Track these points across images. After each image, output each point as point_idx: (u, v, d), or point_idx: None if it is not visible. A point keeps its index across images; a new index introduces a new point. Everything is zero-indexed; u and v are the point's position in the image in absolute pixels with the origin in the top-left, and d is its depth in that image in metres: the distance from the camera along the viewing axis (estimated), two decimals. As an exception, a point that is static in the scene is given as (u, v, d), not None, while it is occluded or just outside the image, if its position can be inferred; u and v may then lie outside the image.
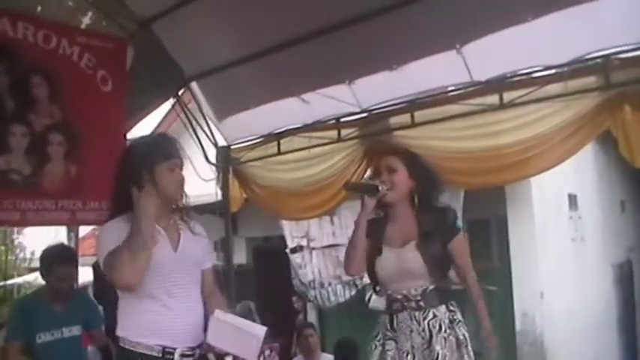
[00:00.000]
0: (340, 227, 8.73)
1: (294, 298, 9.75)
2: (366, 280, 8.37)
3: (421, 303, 3.59)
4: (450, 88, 5.09)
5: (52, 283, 4.81)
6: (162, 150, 3.22)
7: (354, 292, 8.70)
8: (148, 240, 2.98)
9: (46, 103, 5.31)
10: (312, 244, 9.02)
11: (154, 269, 3.08)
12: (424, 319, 3.57)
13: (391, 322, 3.65)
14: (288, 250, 9.23)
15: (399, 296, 3.63)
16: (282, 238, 9.32)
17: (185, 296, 3.18)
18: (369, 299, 8.27)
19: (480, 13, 4.44)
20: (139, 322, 3.09)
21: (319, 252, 8.97)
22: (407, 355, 3.55)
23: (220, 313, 3.16)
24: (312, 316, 9.68)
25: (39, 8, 5.52)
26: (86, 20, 5.86)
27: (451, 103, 5.07)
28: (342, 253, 8.51)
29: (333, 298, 8.87)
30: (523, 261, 7.64)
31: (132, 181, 3.12)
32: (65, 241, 7.55)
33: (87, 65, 5.54)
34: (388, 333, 3.64)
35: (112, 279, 3.04)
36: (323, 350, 7.21)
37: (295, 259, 9.18)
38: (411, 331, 3.57)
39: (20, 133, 5.15)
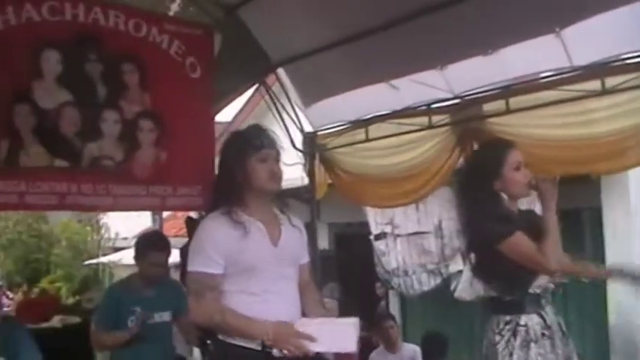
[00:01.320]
0: (425, 215, 8.60)
1: (377, 285, 9.69)
2: (452, 269, 8.36)
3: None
4: (547, 74, 4.90)
5: (146, 268, 4.91)
6: (253, 142, 3.21)
7: (439, 280, 8.58)
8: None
9: (136, 90, 5.35)
10: (396, 231, 8.92)
11: (253, 265, 3.08)
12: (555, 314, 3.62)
13: (544, 319, 3.54)
14: (372, 237, 9.16)
15: (540, 290, 3.62)
16: (365, 224, 9.26)
17: (284, 291, 3.15)
18: (455, 289, 8.17)
19: (582, -5, 4.26)
20: None
21: (404, 239, 8.87)
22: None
23: (305, 320, 3.12)
24: (394, 304, 9.61)
25: (128, -4, 5.57)
26: (174, 7, 5.89)
27: (548, 89, 4.88)
28: (426, 241, 8.55)
29: (417, 287, 8.77)
30: (618, 253, 7.36)
31: (228, 174, 3.17)
32: (150, 223, 7.72)
33: (176, 52, 5.56)
34: (545, 332, 3.51)
35: (192, 304, 3.14)
36: (404, 339, 7.10)
37: (379, 245, 9.11)
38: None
39: (112, 119, 5.22)
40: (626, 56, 4.48)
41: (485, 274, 3.72)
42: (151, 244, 5.02)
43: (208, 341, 3.43)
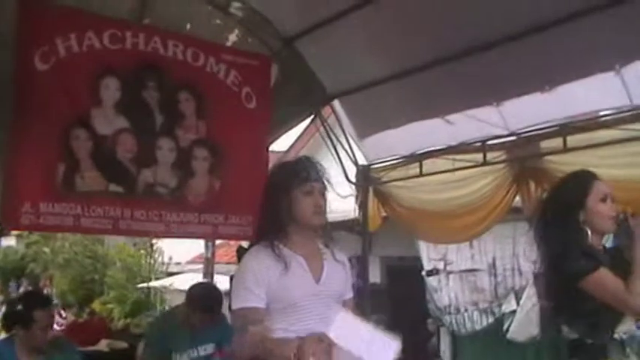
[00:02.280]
0: (479, 252, 8.48)
1: (428, 321, 9.57)
2: (505, 308, 8.20)
3: None
4: (606, 112, 4.80)
5: (195, 321, 4.90)
6: (299, 174, 3.16)
7: (491, 320, 8.43)
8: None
9: (192, 119, 5.42)
10: (449, 268, 8.83)
11: (293, 303, 3.03)
12: None
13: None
14: (424, 273, 9.07)
15: (626, 336, 3.33)
16: (418, 259, 9.18)
17: (325, 327, 3.07)
18: (508, 329, 8.01)
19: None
20: None
21: (456, 276, 8.76)
22: None
23: (348, 313, 2.93)
24: (445, 341, 9.45)
25: (188, 26, 5.65)
26: (232, 37, 5.95)
27: (607, 128, 4.77)
28: (480, 279, 8.43)
29: (468, 325, 8.64)
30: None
31: (272, 206, 3.13)
32: (202, 249, 7.73)
33: (233, 82, 5.62)
34: None
35: (237, 341, 3.06)
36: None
37: (431, 282, 9.01)
38: None
39: (167, 147, 5.29)
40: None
41: (567, 314, 3.43)
42: (203, 303, 4.93)
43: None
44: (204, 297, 5.03)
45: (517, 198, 5.43)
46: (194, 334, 4.92)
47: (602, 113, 4.85)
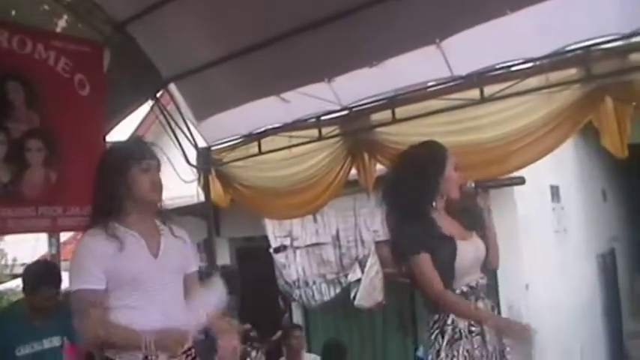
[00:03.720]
0: (323, 226, 8.69)
1: (279, 298, 9.73)
2: (351, 277, 8.47)
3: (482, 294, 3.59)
4: (430, 84, 5.07)
5: (37, 302, 4.75)
6: (135, 152, 3.19)
7: (338, 290, 8.66)
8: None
9: (23, 109, 5.21)
10: (295, 244, 8.97)
11: (132, 278, 3.05)
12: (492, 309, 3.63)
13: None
14: (271, 250, 9.19)
15: (468, 288, 3.54)
16: (266, 238, 9.28)
17: (167, 303, 3.12)
18: (354, 297, 8.28)
19: (459, 8, 4.43)
20: None
21: (303, 251, 8.92)
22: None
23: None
24: (297, 316, 9.63)
25: (13, 12, 5.44)
26: (61, 24, 5.79)
27: (432, 99, 5.06)
28: (325, 252, 8.65)
29: (317, 297, 8.83)
30: (507, 254, 7.47)
31: (107, 186, 3.12)
32: (47, 247, 7.51)
33: (63, 69, 5.46)
34: (473, 328, 3.45)
35: (78, 324, 3.09)
36: (309, 350, 7.17)
37: (279, 258, 9.14)
38: None
39: (-3, 140, 5.06)
40: (502, 65, 4.68)
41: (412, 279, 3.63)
42: (40, 277, 4.80)
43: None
44: (42, 272, 4.93)
45: (354, 171, 5.64)
46: (38, 327, 4.76)
47: (428, 85, 5.12)
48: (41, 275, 4.85)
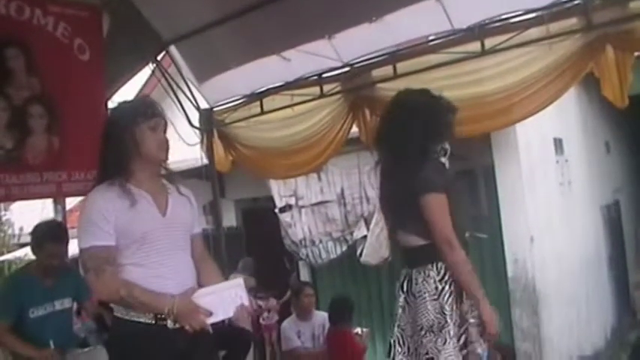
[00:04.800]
0: (328, 184, 8.73)
1: (285, 258, 9.81)
2: (357, 235, 8.52)
3: None
4: (430, 38, 5.05)
5: (43, 260, 4.82)
6: (142, 111, 3.19)
7: (345, 248, 8.72)
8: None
9: (23, 75, 5.19)
10: (300, 203, 9.01)
11: (142, 236, 3.07)
12: None
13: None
14: (277, 210, 9.23)
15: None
16: (271, 199, 9.32)
17: (176, 261, 3.16)
18: (361, 254, 8.34)
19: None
20: None
21: (308, 210, 8.96)
22: None
23: (200, 291, 3.15)
24: (304, 274, 9.71)
25: (10, -22, 5.40)
26: (59, -12, 5.74)
27: (433, 53, 5.05)
28: (330, 210, 8.68)
29: (324, 255, 8.89)
30: (512, 208, 7.65)
31: (115, 144, 3.12)
32: (53, 214, 7.53)
33: (63, 35, 5.43)
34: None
35: (92, 282, 3.10)
36: (316, 307, 7.23)
37: (284, 218, 9.18)
38: None
39: (-1, 107, 5.07)
40: (502, 17, 4.65)
41: (410, 222, 3.60)
42: (47, 234, 4.87)
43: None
44: (50, 229, 4.98)
45: (357, 128, 5.65)
46: (49, 287, 4.87)
47: (428, 39, 5.11)
48: (48, 232, 4.91)
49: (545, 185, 8.38)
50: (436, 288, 3.48)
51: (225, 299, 3.13)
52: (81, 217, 3.20)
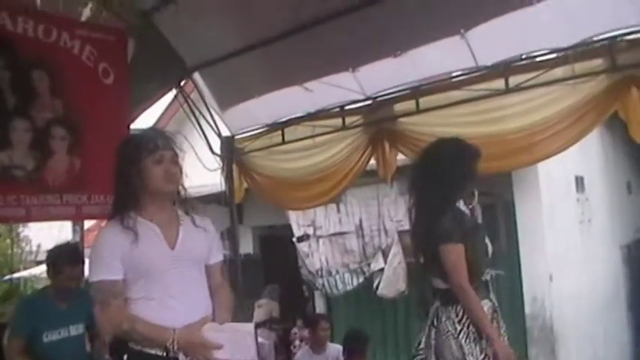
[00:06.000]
0: (347, 215, 8.71)
1: (304, 287, 9.79)
2: (374, 267, 8.47)
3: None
4: (454, 74, 5.04)
5: (60, 283, 4.81)
6: (147, 144, 3.15)
7: (361, 279, 8.68)
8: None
9: (47, 97, 5.23)
10: (318, 233, 8.99)
11: (149, 270, 3.05)
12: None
13: (493, 303, 3.83)
14: (294, 239, 9.21)
15: (486, 280, 3.85)
16: (289, 227, 9.30)
17: (186, 294, 3.11)
18: (377, 286, 8.28)
19: (484, -3, 4.41)
20: None
21: (326, 240, 8.94)
22: None
23: (212, 326, 3.10)
24: (319, 305, 9.67)
25: (38, 1, 5.46)
26: (86, 12, 5.80)
27: (456, 89, 5.04)
28: (348, 241, 8.66)
29: (340, 286, 8.85)
30: (531, 244, 7.60)
31: (123, 178, 3.13)
32: (71, 234, 7.56)
33: (88, 58, 5.48)
34: (494, 315, 3.80)
35: (99, 315, 3.14)
36: (331, 339, 7.17)
37: (302, 247, 9.15)
38: None
39: (22, 128, 5.08)
40: (527, 56, 4.64)
41: (437, 268, 3.79)
42: (64, 258, 4.85)
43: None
44: (66, 252, 4.95)
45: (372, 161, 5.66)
46: (64, 311, 4.84)
47: (452, 75, 5.10)
48: (64, 256, 4.88)
49: (565, 223, 8.32)
50: (455, 329, 3.70)
51: (234, 340, 3.09)
52: (91, 252, 3.19)
